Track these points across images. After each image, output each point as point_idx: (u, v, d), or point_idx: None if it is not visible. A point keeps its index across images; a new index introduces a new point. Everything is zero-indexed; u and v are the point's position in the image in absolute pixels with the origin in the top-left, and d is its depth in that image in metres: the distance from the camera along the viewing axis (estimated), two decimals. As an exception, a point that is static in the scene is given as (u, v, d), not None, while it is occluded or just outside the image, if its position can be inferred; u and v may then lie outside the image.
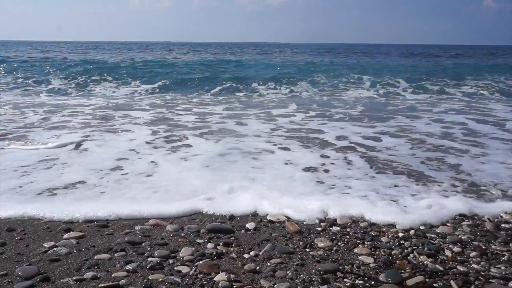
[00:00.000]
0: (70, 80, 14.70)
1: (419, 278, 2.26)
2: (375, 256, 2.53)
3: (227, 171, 4.40)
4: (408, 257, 2.53)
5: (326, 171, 4.50)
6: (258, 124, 7.41)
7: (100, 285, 2.13)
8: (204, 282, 2.18)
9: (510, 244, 2.71)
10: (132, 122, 7.42)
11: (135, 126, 7.02)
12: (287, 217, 3.18)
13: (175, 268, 2.34)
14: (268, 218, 3.16)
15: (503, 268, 2.39)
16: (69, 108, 9.16)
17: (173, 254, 2.51)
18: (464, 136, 6.49)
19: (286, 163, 4.78)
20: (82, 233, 2.83)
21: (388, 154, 5.30)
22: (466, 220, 3.17)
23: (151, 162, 4.76)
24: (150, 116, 8.20)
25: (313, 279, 2.24)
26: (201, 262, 2.40)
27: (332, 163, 4.80)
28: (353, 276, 2.28)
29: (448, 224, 3.08)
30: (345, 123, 7.56)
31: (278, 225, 3.05)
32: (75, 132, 6.48)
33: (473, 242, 2.75)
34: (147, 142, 5.80)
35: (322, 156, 5.14)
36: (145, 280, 2.19)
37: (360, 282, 2.22)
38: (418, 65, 21.87)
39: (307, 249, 2.62)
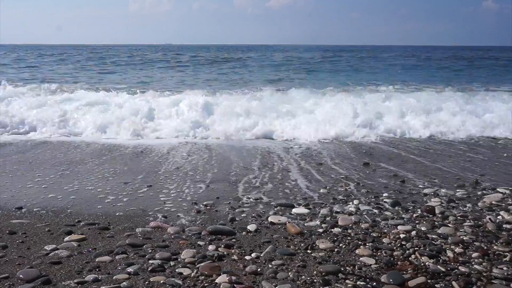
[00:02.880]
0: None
1: (421, 279, 2.25)
2: (376, 257, 2.53)
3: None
4: (410, 258, 2.53)
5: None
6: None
7: (101, 288, 2.13)
8: (206, 284, 2.17)
9: (512, 245, 2.70)
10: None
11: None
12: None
13: (177, 270, 2.34)
14: (270, 220, 3.16)
15: (505, 268, 2.38)
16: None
17: (174, 256, 2.51)
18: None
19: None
20: (83, 236, 2.82)
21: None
22: (467, 220, 3.16)
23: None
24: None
25: (315, 280, 2.23)
26: (202, 264, 2.40)
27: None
28: (354, 278, 2.27)
29: (449, 225, 3.07)
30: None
31: (279, 226, 3.05)
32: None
33: (475, 243, 2.74)
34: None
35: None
36: (146, 282, 2.19)
37: (361, 283, 2.22)
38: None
39: (308, 251, 2.62)
